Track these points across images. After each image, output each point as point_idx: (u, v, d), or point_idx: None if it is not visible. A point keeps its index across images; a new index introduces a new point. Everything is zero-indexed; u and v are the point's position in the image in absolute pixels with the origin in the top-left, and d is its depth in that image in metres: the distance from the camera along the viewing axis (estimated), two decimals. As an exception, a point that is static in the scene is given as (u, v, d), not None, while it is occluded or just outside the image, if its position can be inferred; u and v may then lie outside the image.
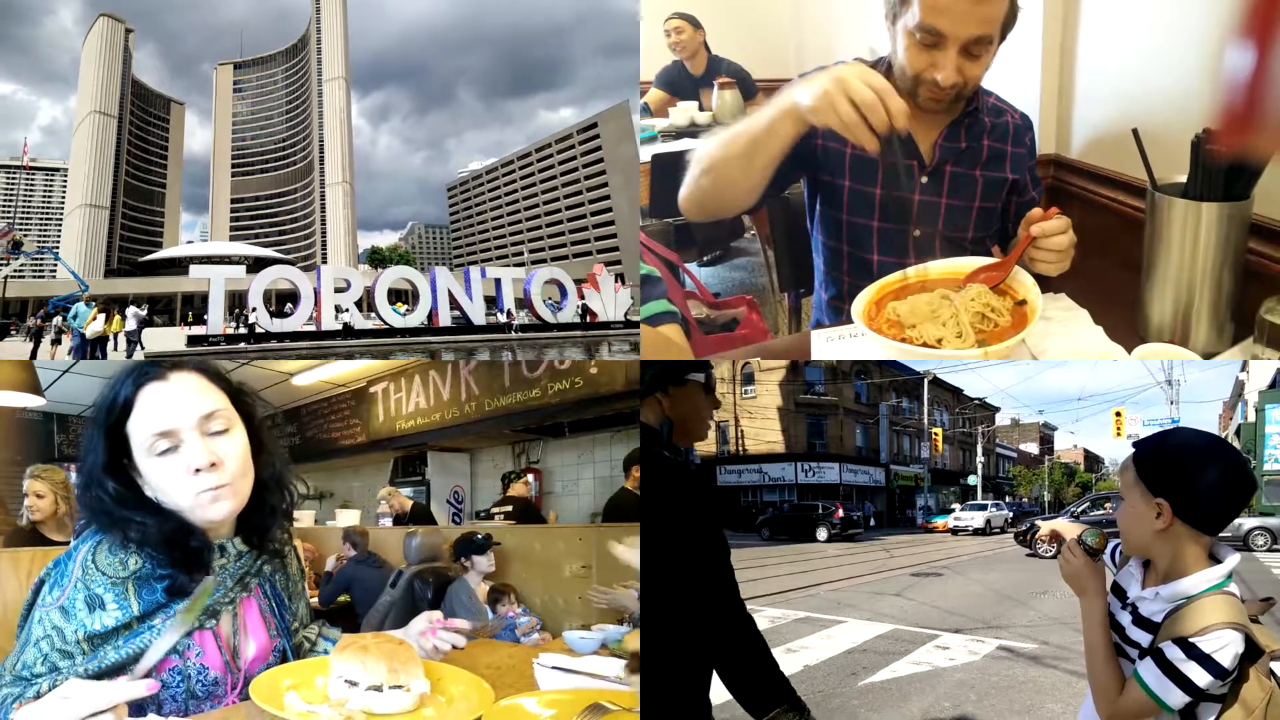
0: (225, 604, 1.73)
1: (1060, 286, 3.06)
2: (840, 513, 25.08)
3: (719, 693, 1.77)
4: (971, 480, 42.41)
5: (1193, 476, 1.56)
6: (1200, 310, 2.74)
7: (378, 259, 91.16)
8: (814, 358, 3.06)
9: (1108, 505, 19.20)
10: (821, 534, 24.32)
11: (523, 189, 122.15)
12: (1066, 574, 1.74)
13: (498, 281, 32.56)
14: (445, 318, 28.92)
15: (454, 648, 1.95)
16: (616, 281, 33.54)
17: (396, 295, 30.62)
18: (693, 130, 6.18)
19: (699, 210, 3.03)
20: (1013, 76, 3.25)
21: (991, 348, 2.65)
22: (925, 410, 40.59)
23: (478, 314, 29.77)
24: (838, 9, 6.00)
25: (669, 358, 3.04)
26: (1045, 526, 2.23)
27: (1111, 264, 3.09)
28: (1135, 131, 2.73)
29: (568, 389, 6.53)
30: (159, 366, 1.72)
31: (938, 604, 10.19)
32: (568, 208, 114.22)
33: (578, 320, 31.33)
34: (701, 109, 6.40)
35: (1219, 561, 1.60)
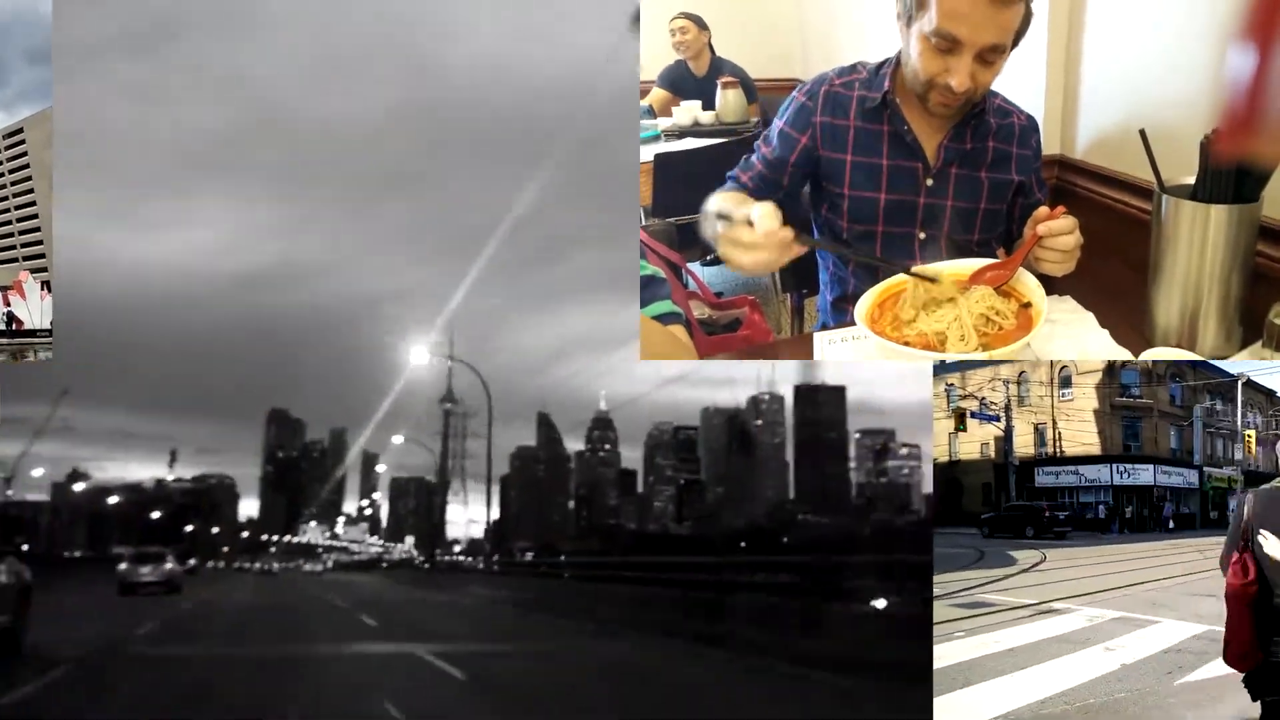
0: None
1: (1065, 289, 3.04)
2: (1047, 513, 26.22)
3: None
4: (1282, 483, 41.90)
5: None
6: (1208, 313, 2.70)
7: None
8: (816, 359, 3.05)
9: None
10: (1029, 532, 25.47)
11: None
12: None
13: (-84, 288, 32.78)
14: None
15: None
16: (43, 289, 33.36)
17: None
18: (696, 129, 6.15)
19: None
20: (1018, 76, 3.21)
21: (996, 350, 2.64)
22: (1239, 412, 40.17)
23: (-103, 323, 30.06)
24: (842, 8, 5.96)
25: (673, 359, 3.03)
26: None
27: (1117, 266, 3.07)
28: (1142, 132, 2.71)
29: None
30: None
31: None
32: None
33: (3, 328, 31.50)
34: (705, 109, 6.36)
35: None
